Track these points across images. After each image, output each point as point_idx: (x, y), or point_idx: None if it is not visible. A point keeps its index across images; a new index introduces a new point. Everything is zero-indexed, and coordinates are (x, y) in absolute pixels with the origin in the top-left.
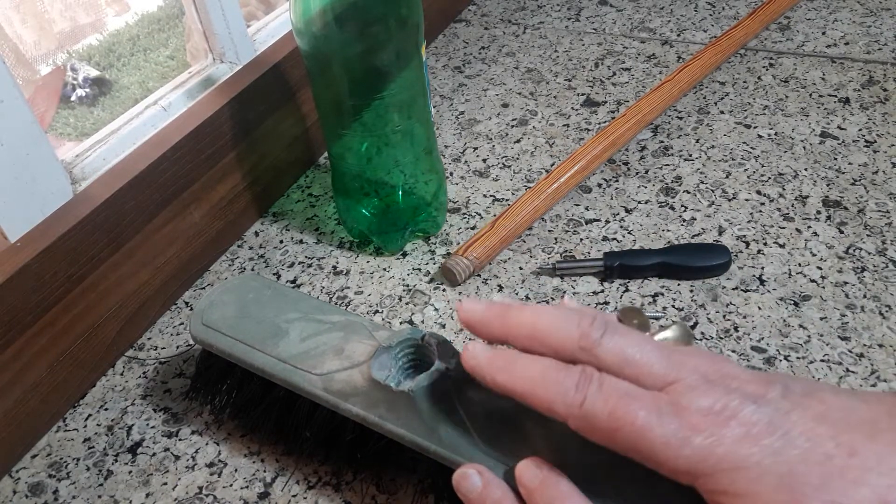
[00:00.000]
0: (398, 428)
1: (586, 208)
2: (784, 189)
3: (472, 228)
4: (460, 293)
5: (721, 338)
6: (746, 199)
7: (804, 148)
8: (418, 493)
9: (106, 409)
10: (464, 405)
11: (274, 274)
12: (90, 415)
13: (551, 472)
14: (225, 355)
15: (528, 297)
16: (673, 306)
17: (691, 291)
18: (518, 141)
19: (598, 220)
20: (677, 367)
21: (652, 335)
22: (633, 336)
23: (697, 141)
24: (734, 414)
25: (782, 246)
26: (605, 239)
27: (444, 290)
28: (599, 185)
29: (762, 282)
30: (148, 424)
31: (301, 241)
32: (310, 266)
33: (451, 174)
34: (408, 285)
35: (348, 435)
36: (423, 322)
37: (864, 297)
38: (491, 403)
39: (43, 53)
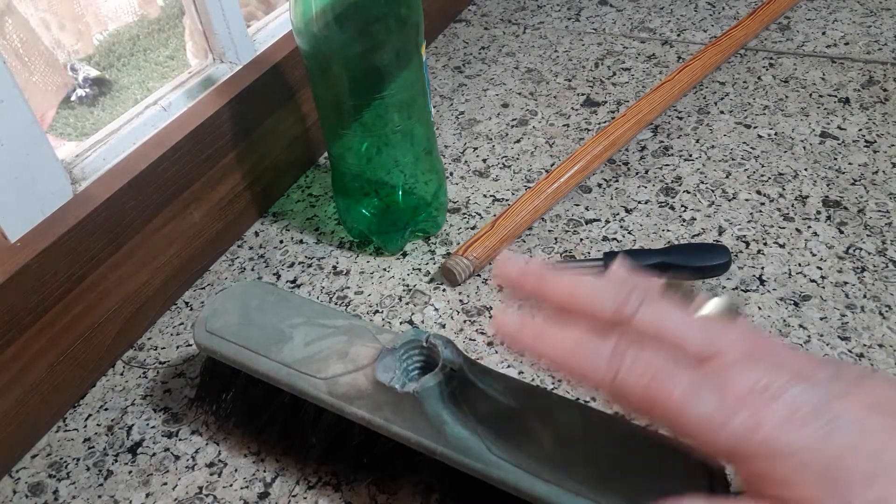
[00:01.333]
0: (404, 430)
1: (586, 208)
2: (784, 189)
3: (472, 228)
4: (460, 293)
5: None
6: (746, 199)
7: (804, 148)
8: (418, 493)
9: (106, 409)
10: (469, 405)
11: (274, 274)
12: (90, 415)
13: None
14: (229, 362)
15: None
16: None
17: (692, 291)
18: (518, 141)
19: (598, 220)
20: (717, 340)
21: (695, 308)
22: (671, 308)
23: (697, 141)
24: (778, 395)
25: (782, 246)
26: (605, 239)
27: (444, 290)
28: (599, 185)
29: (762, 282)
30: (148, 424)
31: (301, 241)
32: (310, 266)
33: (451, 174)
34: (408, 285)
35: (354, 439)
36: (423, 322)
37: (864, 297)
38: (496, 402)
39: (82, 59)
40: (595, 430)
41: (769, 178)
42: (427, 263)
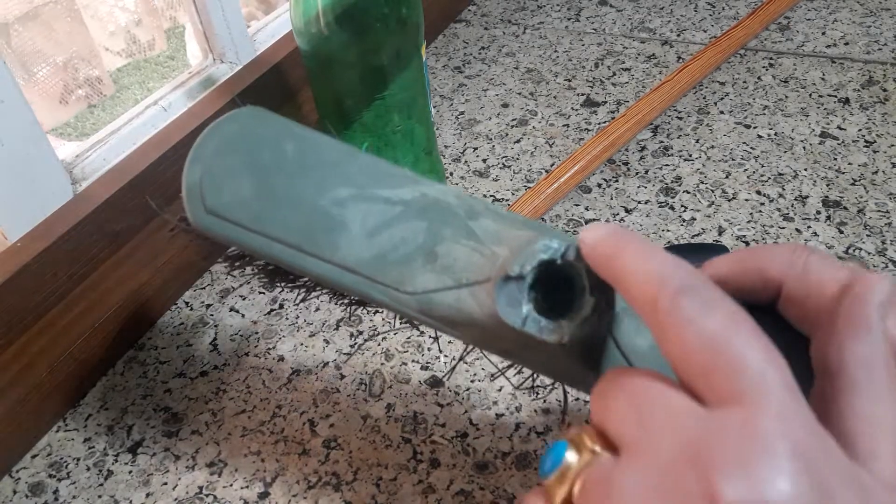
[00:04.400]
0: (545, 371)
1: (586, 208)
2: (784, 189)
3: None
4: None
5: None
6: (746, 200)
7: (804, 148)
8: (418, 494)
9: (106, 409)
10: (629, 352)
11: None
12: (90, 415)
13: None
14: (258, 256)
15: None
16: None
17: None
18: (518, 141)
19: (598, 220)
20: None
21: None
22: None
23: (697, 141)
24: None
25: None
26: None
27: None
28: (599, 186)
29: None
30: (148, 424)
31: None
32: None
33: (451, 174)
34: None
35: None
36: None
37: None
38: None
39: (156, 55)
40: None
41: (769, 179)
42: None
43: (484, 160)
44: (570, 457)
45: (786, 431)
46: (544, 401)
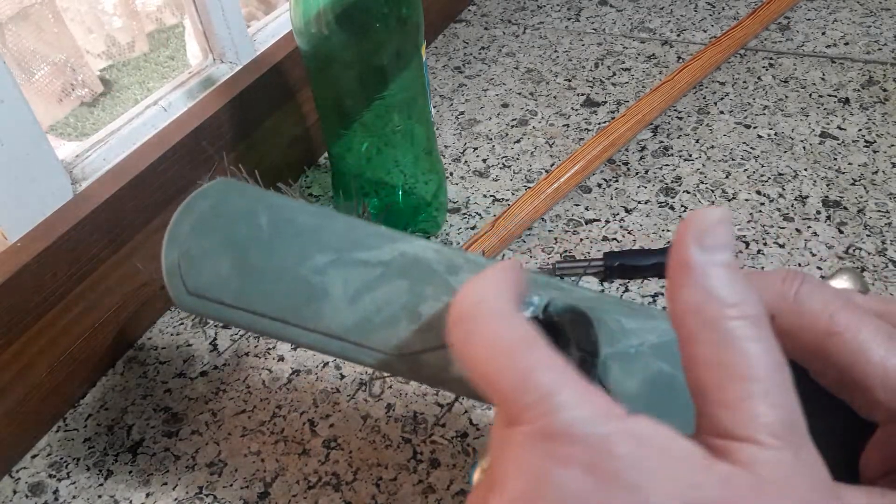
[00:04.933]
0: None
1: (586, 208)
2: (784, 189)
3: (472, 228)
4: None
5: None
6: (746, 199)
7: (804, 148)
8: (418, 494)
9: (106, 409)
10: (618, 396)
11: None
12: (90, 415)
13: None
14: (245, 330)
15: None
16: None
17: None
18: (518, 141)
19: (598, 220)
20: (887, 303)
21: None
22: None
23: (697, 141)
24: None
25: (782, 246)
26: (605, 239)
27: None
28: (599, 186)
29: None
30: (148, 424)
31: None
32: None
33: (451, 174)
34: None
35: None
36: None
37: None
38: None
39: (136, 56)
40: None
41: (769, 179)
42: None
43: (484, 160)
44: (475, 475)
45: (550, 450)
46: None
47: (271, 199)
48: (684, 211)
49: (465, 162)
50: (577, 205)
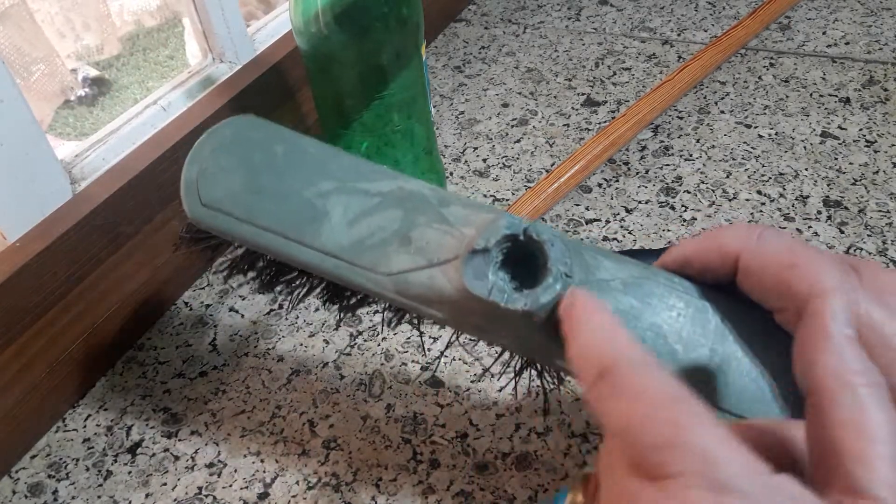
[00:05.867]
0: (516, 347)
1: (586, 208)
2: (784, 189)
3: None
4: None
5: None
6: (747, 199)
7: (805, 148)
8: (418, 494)
9: (106, 409)
10: None
11: None
12: (90, 415)
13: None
14: (248, 245)
15: None
16: None
17: None
18: (518, 141)
19: (599, 220)
20: (850, 259)
21: None
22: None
23: (698, 141)
24: None
25: None
26: (605, 239)
27: None
28: (599, 185)
29: None
30: (148, 424)
31: None
32: None
33: (451, 174)
34: None
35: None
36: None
37: None
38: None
39: (105, 58)
40: None
41: (770, 178)
42: None
43: (484, 160)
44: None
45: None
46: (545, 401)
47: (289, 134)
48: (685, 211)
49: (465, 162)
50: (577, 205)
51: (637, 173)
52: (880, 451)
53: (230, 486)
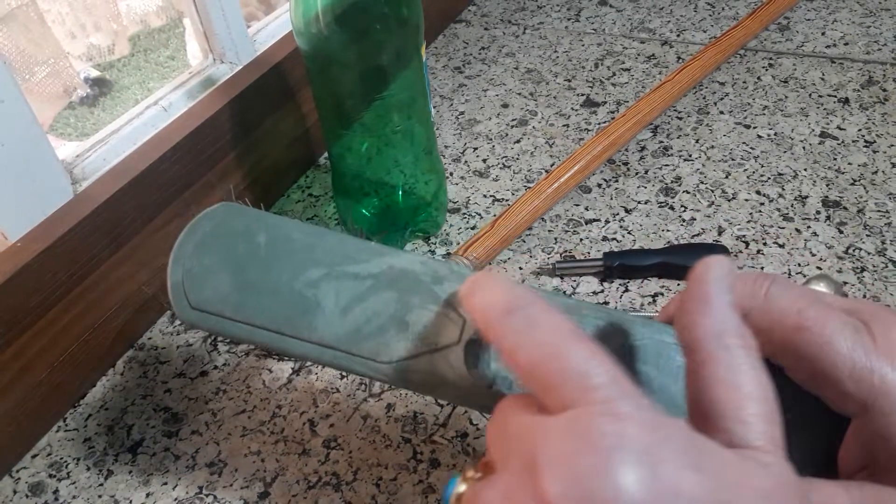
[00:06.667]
0: None
1: (586, 208)
2: (784, 189)
3: (472, 228)
4: None
5: None
6: (746, 200)
7: (804, 148)
8: (418, 494)
9: (106, 409)
10: None
11: None
12: (90, 415)
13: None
14: (244, 342)
15: None
16: None
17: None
18: (518, 141)
19: (598, 220)
20: (856, 304)
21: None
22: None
23: (697, 141)
24: None
25: (782, 246)
26: (604, 239)
27: None
28: (599, 186)
29: None
30: (148, 424)
31: None
32: None
33: (451, 174)
34: None
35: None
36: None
37: (864, 296)
38: None
39: (117, 58)
40: None
41: (769, 179)
42: None
43: (484, 160)
44: (460, 487)
45: (611, 424)
46: None
47: (269, 219)
48: (684, 211)
49: (465, 162)
50: (577, 205)
51: (636, 173)
52: (759, 410)
53: (230, 485)
